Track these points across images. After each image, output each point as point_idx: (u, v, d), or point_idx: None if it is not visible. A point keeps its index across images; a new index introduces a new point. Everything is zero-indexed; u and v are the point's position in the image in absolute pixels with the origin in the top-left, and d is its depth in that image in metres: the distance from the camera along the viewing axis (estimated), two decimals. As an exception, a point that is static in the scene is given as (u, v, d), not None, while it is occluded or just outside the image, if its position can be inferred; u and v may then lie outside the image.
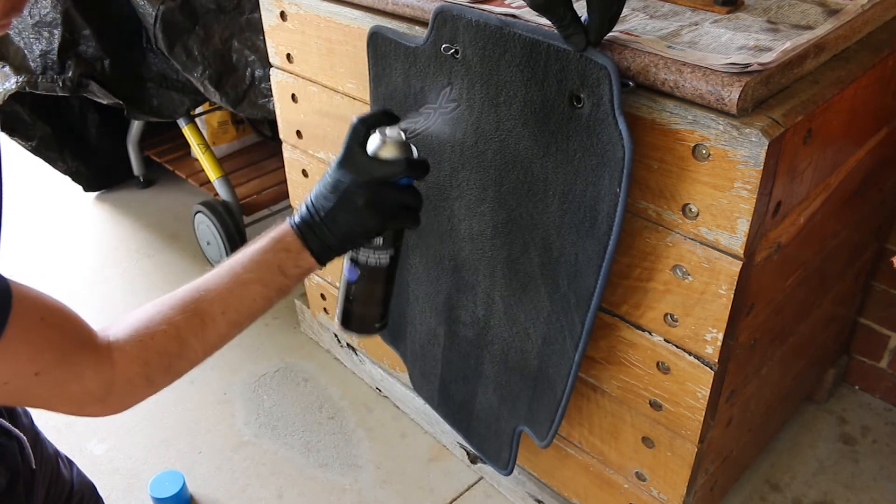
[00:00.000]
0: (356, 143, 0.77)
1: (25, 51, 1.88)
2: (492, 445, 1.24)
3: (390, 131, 0.77)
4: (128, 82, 1.88)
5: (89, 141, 2.36)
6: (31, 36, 1.85)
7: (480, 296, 1.11)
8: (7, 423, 0.78)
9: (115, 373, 0.66)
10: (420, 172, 0.78)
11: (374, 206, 0.75)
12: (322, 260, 0.77)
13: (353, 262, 0.83)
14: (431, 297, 1.21)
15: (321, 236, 0.76)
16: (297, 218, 0.77)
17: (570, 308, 0.97)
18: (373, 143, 0.77)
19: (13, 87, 1.86)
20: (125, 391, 0.67)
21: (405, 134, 0.78)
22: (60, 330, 0.63)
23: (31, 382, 0.61)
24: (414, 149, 0.79)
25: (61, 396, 0.65)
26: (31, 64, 1.86)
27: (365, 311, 0.86)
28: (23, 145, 2.23)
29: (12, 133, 2.18)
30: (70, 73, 1.81)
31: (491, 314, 1.11)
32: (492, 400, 1.20)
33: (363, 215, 0.75)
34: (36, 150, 2.27)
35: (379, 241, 0.81)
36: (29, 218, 2.36)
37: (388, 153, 0.77)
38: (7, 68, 1.89)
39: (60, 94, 1.83)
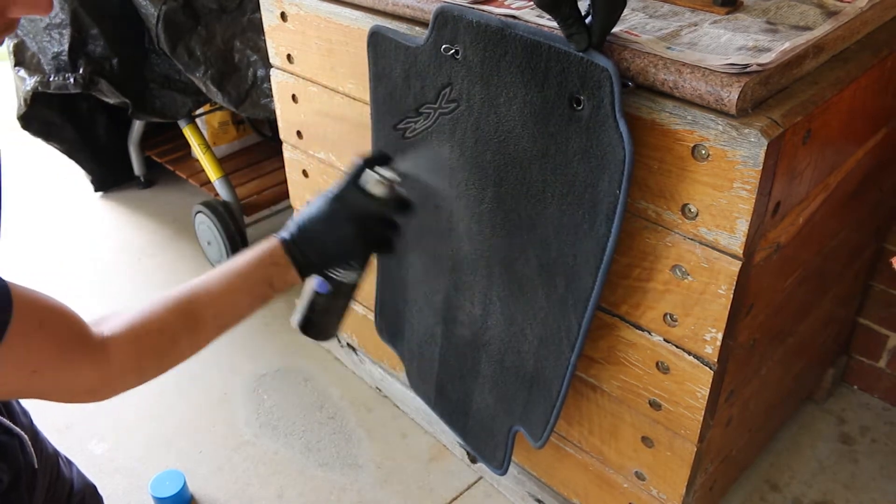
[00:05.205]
0: (354, 180, 0.87)
1: (40, 55, 1.91)
2: (487, 445, 1.25)
3: (384, 171, 0.87)
4: (133, 82, 1.90)
5: (99, 141, 2.37)
6: (44, 39, 1.87)
7: (478, 296, 1.11)
8: (7, 422, 0.79)
9: (111, 368, 0.69)
10: (407, 212, 0.90)
11: (362, 237, 0.86)
12: (304, 275, 0.85)
13: (326, 277, 0.90)
14: (429, 296, 1.21)
15: (308, 255, 0.84)
16: (287, 235, 0.85)
17: (567, 309, 0.97)
18: (366, 179, 0.87)
19: (29, 88, 1.90)
20: (117, 383, 0.71)
21: (396, 173, 0.88)
22: (58, 332, 0.65)
23: (29, 380, 0.64)
24: (401, 189, 0.90)
25: (58, 389, 0.68)
26: (46, 67, 1.90)
27: (328, 321, 0.95)
28: (57, 148, 2.28)
29: (48, 138, 2.22)
30: (81, 71, 1.83)
31: (488, 314, 1.11)
32: (488, 400, 1.20)
33: (352, 244, 0.86)
34: (69, 153, 2.31)
35: (355, 262, 0.89)
36: (30, 218, 2.37)
37: (380, 190, 0.86)
38: (22, 71, 1.92)
39: (73, 91, 1.86)
